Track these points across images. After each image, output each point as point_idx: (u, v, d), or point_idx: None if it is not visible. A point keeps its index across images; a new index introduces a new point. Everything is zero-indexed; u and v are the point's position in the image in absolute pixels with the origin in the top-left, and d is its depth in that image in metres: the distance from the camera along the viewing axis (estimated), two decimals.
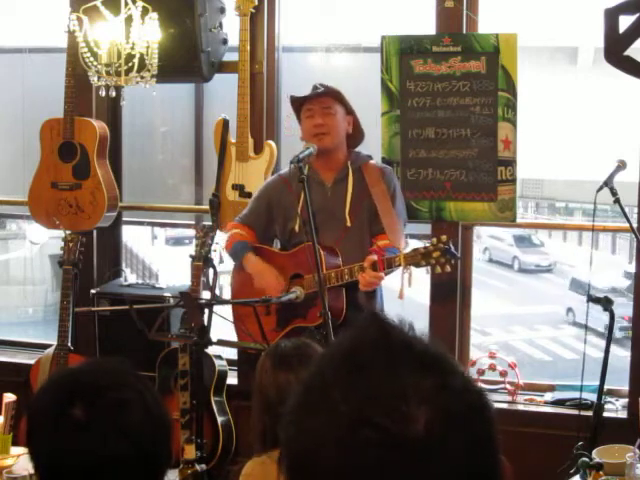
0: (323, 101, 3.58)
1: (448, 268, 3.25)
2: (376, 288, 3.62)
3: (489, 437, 0.93)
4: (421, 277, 3.37)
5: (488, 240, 13.46)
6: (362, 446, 0.87)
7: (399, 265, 3.26)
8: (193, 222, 4.65)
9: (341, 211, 3.60)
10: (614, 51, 3.32)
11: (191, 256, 4.00)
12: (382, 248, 3.42)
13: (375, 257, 3.33)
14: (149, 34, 3.69)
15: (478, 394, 0.95)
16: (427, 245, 3.24)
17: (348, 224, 3.59)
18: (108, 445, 1.41)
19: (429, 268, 3.29)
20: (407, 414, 0.87)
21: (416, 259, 3.24)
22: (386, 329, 0.95)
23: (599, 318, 3.40)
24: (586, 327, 3.55)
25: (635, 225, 3.80)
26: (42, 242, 7.48)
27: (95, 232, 4.59)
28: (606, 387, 3.58)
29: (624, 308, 4.67)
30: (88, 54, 3.70)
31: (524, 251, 13.13)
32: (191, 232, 4.31)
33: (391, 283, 3.53)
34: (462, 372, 0.94)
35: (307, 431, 0.91)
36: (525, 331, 11.05)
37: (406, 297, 3.29)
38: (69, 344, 4.20)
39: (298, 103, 3.66)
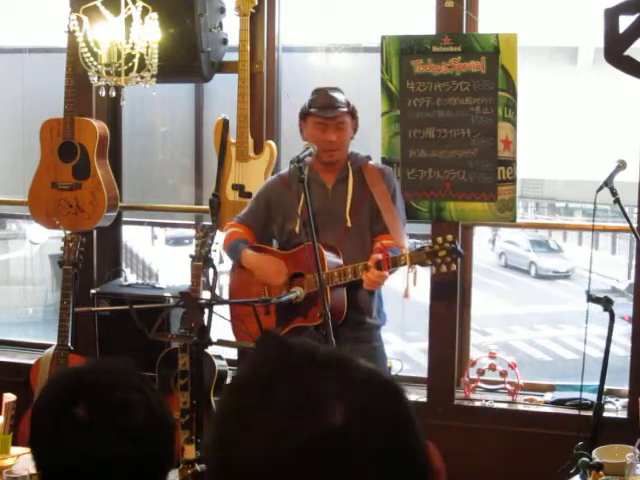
0: (337, 116, 3.56)
1: (454, 267, 3.25)
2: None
3: (406, 420, 0.97)
4: (421, 277, 3.36)
5: (504, 245, 13.24)
6: (289, 457, 0.90)
7: (404, 264, 3.26)
8: (193, 222, 4.65)
9: (342, 212, 3.59)
10: (614, 51, 3.32)
11: (191, 256, 4.00)
12: (386, 247, 3.42)
13: (380, 256, 3.32)
14: (149, 34, 3.69)
15: (386, 383, 0.99)
16: (432, 244, 3.23)
17: (349, 224, 3.59)
18: (110, 445, 1.41)
19: (433, 267, 3.28)
20: (324, 410, 0.91)
21: (421, 258, 3.23)
22: (285, 344, 1.00)
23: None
24: (586, 327, 3.55)
25: (635, 225, 3.80)
26: (42, 242, 7.47)
27: (95, 232, 4.60)
28: (606, 387, 3.58)
29: (624, 308, 4.66)
30: (88, 54, 3.70)
31: (541, 256, 12.78)
32: (191, 232, 4.31)
33: (393, 283, 3.52)
34: (364, 366, 0.98)
35: (233, 462, 0.95)
36: (525, 331, 11.04)
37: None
38: (69, 344, 4.20)
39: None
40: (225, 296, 4.89)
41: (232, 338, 3.73)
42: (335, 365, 0.96)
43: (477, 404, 4.19)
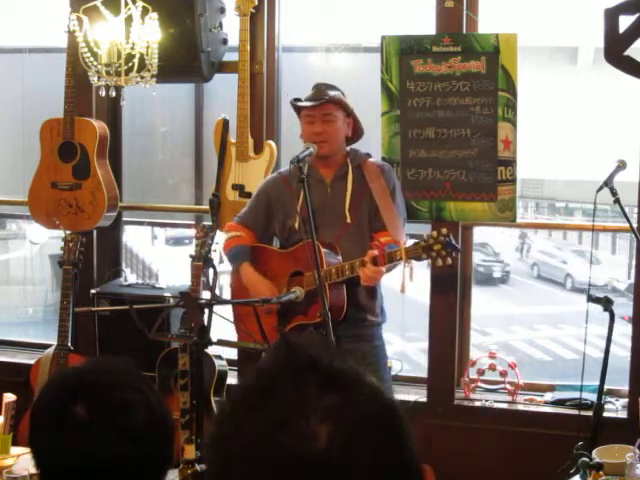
0: (324, 108, 3.57)
1: (449, 261, 3.25)
2: (376, 285, 3.62)
3: (397, 449, 0.94)
4: (421, 277, 3.36)
5: (537, 255, 12.52)
6: (268, 467, 0.90)
7: (400, 259, 3.26)
8: (193, 222, 4.65)
9: (341, 208, 3.60)
10: (614, 51, 3.32)
11: (191, 256, 4.00)
12: (383, 244, 3.42)
13: (376, 252, 3.33)
14: (149, 34, 3.69)
15: (385, 407, 0.96)
16: (427, 238, 3.24)
17: (348, 221, 3.59)
18: (110, 445, 1.41)
19: (429, 262, 3.28)
20: (308, 432, 0.90)
21: (417, 252, 3.24)
22: (293, 350, 0.98)
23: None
24: (586, 327, 3.55)
25: (635, 225, 3.80)
26: (42, 242, 7.47)
27: (95, 232, 4.60)
28: (606, 387, 3.58)
29: (624, 308, 4.66)
30: (88, 54, 3.70)
31: (578, 268, 11.77)
32: (191, 232, 4.31)
33: (391, 282, 3.52)
34: (369, 386, 0.96)
35: (221, 459, 0.95)
36: (525, 331, 11.03)
37: (407, 297, 3.29)
38: (69, 344, 4.20)
39: (298, 107, 3.65)
40: (225, 296, 4.89)
41: (233, 338, 3.73)
42: (338, 380, 0.95)
43: (477, 404, 4.19)
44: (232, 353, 4.38)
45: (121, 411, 1.44)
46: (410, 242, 3.43)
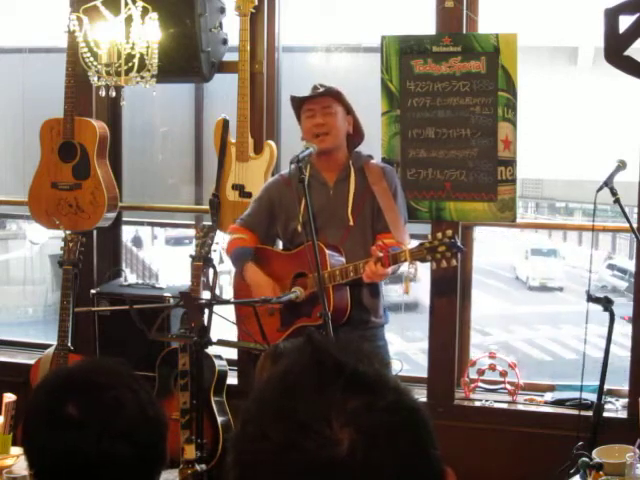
0: (323, 101, 3.58)
1: (454, 262, 3.24)
2: (379, 287, 3.62)
3: (419, 454, 0.94)
4: (421, 276, 3.36)
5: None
6: (291, 471, 0.89)
7: (404, 261, 3.26)
8: (193, 222, 4.65)
9: (343, 210, 3.60)
10: (614, 51, 3.32)
11: (191, 256, 4.00)
12: (388, 245, 3.42)
13: (380, 254, 3.33)
14: (149, 34, 3.69)
15: (408, 411, 0.95)
16: (432, 240, 3.23)
17: (351, 223, 3.59)
18: (102, 444, 1.41)
19: (433, 263, 3.27)
20: (330, 437, 0.89)
21: (422, 254, 3.23)
22: (318, 352, 0.96)
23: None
24: (586, 327, 3.55)
25: (635, 225, 3.79)
26: (42, 242, 7.47)
27: (95, 232, 4.59)
28: (606, 387, 3.58)
29: (624, 308, 4.66)
30: (88, 54, 3.70)
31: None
32: (191, 232, 4.31)
33: (393, 283, 3.52)
34: (394, 390, 0.95)
35: (244, 463, 0.95)
36: (525, 331, 11.04)
37: (406, 297, 3.29)
38: (69, 344, 4.20)
39: (298, 103, 3.66)
40: (226, 296, 4.89)
41: (233, 338, 3.72)
42: (361, 384, 0.94)
43: (477, 404, 4.19)
44: (232, 353, 4.38)
45: (113, 410, 1.44)
46: (413, 243, 3.43)
